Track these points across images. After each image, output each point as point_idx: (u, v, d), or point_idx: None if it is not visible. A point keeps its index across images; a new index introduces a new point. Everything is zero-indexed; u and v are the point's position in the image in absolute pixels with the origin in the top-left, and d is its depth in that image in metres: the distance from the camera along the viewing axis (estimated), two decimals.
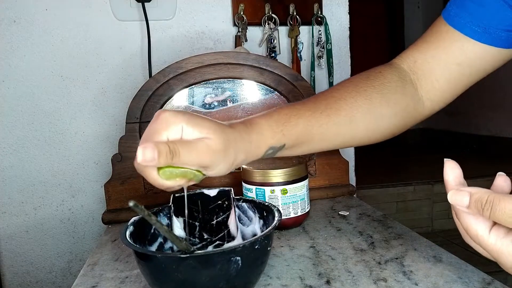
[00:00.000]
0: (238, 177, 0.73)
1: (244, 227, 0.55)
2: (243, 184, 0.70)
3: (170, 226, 0.54)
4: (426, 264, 0.53)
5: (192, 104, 0.88)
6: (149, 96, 0.82)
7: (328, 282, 0.50)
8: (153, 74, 0.90)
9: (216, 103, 0.88)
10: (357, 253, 0.58)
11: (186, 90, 0.85)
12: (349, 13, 1.07)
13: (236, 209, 0.56)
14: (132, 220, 0.49)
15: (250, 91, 0.88)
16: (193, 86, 0.85)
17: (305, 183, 0.69)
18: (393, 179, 2.26)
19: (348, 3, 1.07)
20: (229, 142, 0.43)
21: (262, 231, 0.52)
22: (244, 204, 0.56)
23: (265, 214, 0.53)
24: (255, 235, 0.53)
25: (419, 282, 0.48)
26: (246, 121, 0.48)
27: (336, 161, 0.87)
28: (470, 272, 0.50)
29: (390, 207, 2.14)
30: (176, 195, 0.56)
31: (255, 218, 0.55)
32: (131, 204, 0.36)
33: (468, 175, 0.41)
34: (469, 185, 0.39)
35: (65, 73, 0.96)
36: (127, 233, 0.46)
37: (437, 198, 2.15)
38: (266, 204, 0.53)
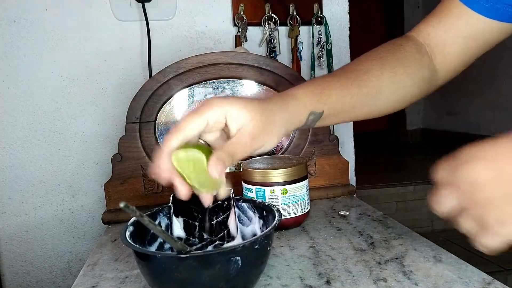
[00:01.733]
0: (238, 177, 0.73)
1: (244, 227, 0.55)
2: (243, 184, 0.70)
3: (170, 226, 0.54)
4: (426, 264, 0.53)
5: (192, 104, 0.88)
6: (149, 96, 0.82)
7: (328, 282, 0.50)
8: (153, 74, 0.90)
9: None
10: (357, 253, 0.58)
11: (186, 90, 0.85)
12: (349, 13, 1.07)
13: (236, 209, 0.56)
14: (132, 220, 0.49)
15: (250, 91, 0.88)
16: (193, 86, 0.85)
17: (305, 183, 0.69)
18: (393, 179, 2.25)
19: (348, 3, 1.07)
20: (269, 121, 0.46)
21: (262, 231, 0.52)
22: (244, 204, 0.56)
23: (265, 214, 0.53)
24: (255, 235, 0.53)
25: (419, 282, 0.48)
26: (282, 93, 0.52)
27: (336, 161, 0.87)
28: (470, 272, 0.50)
29: (390, 207, 2.13)
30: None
31: (255, 218, 0.54)
32: (121, 205, 0.36)
33: None
34: None
35: (65, 73, 0.96)
36: (127, 233, 0.46)
37: None
38: (266, 204, 0.53)
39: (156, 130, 0.84)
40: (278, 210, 0.50)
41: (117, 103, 0.98)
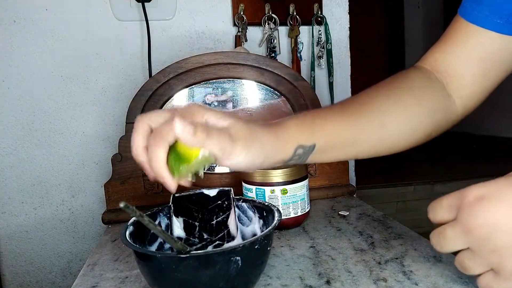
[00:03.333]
0: (238, 177, 0.73)
1: (243, 227, 0.55)
2: (243, 184, 0.70)
3: (170, 226, 0.54)
4: (426, 264, 0.53)
5: None
6: (149, 96, 0.82)
7: (328, 282, 0.50)
8: (153, 74, 0.90)
9: (216, 103, 0.88)
10: (357, 253, 0.58)
11: (186, 90, 0.85)
12: (349, 13, 1.07)
13: (236, 209, 0.56)
14: (132, 220, 0.49)
15: (250, 91, 0.88)
16: (193, 86, 0.85)
17: (305, 183, 0.69)
18: (393, 179, 2.26)
19: (348, 3, 1.07)
20: (253, 133, 0.42)
21: (262, 231, 0.52)
22: (244, 204, 0.56)
23: (265, 214, 0.53)
24: (255, 235, 0.53)
25: (419, 282, 0.48)
26: (271, 122, 0.47)
27: (336, 161, 0.87)
28: None
29: (390, 207, 2.14)
30: (176, 195, 0.56)
31: (255, 218, 0.54)
32: (121, 205, 0.36)
33: (468, 175, 0.41)
34: (469, 184, 0.39)
35: (65, 73, 0.96)
36: (127, 233, 0.46)
37: (437, 198, 2.15)
38: (266, 204, 0.53)
39: None
40: (278, 210, 0.50)
41: (117, 103, 0.98)
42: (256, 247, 0.43)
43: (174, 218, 0.54)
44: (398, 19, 3.62)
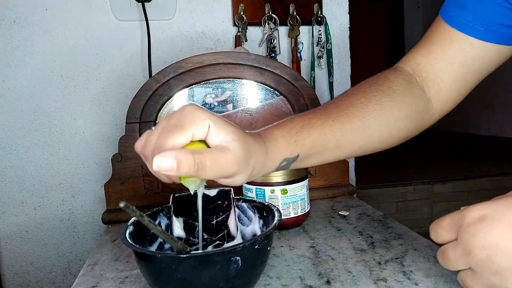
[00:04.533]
0: None
1: (244, 227, 0.55)
2: (244, 184, 0.70)
3: (170, 226, 0.54)
4: (426, 264, 0.53)
5: None
6: (149, 96, 0.82)
7: (328, 282, 0.50)
8: (153, 74, 0.90)
9: (216, 103, 0.88)
10: (357, 253, 0.58)
11: (186, 90, 0.85)
12: (349, 13, 1.07)
13: (236, 209, 0.56)
14: (132, 220, 0.49)
15: (250, 91, 0.88)
16: (193, 86, 0.85)
17: (305, 183, 0.69)
18: (393, 179, 2.25)
19: (348, 3, 1.07)
20: (250, 152, 0.41)
21: (262, 231, 0.52)
22: (244, 204, 0.56)
23: (265, 214, 0.53)
24: (255, 235, 0.53)
25: (419, 282, 0.48)
26: (261, 132, 0.47)
27: (336, 161, 0.87)
28: None
29: (390, 207, 2.14)
30: (176, 195, 0.56)
31: (255, 218, 0.54)
32: (121, 205, 0.35)
33: (468, 175, 0.41)
34: (469, 184, 0.39)
35: (65, 73, 0.96)
36: (127, 233, 0.46)
37: (437, 198, 2.15)
38: (266, 204, 0.53)
39: None
40: (278, 210, 0.50)
41: (117, 103, 0.98)
42: (256, 247, 0.43)
43: (174, 218, 0.55)
44: (398, 19, 3.63)
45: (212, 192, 0.57)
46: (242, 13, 0.99)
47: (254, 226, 0.54)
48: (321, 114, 0.51)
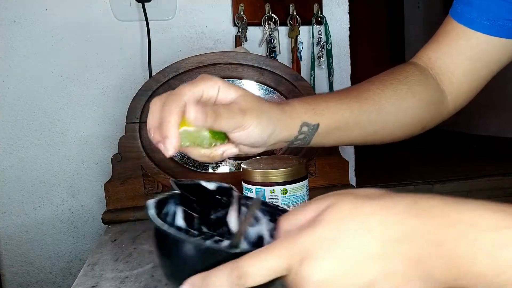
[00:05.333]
0: (238, 177, 0.73)
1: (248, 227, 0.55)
2: (243, 184, 0.70)
3: (174, 214, 0.52)
4: None
5: None
6: (149, 96, 0.82)
7: None
8: (153, 74, 0.90)
9: None
10: None
11: None
12: (349, 13, 1.07)
13: (243, 207, 0.55)
14: (152, 201, 0.45)
15: (250, 91, 0.88)
16: None
17: (305, 183, 0.69)
18: (393, 179, 2.25)
19: (348, 3, 1.07)
20: (261, 105, 0.44)
21: (271, 234, 0.51)
22: None
23: (277, 218, 0.51)
24: (260, 236, 0.53)
25: None
26: (277, 102, 0.48)
27: (336, 161, 0.87)
28: None
29: None
30: (179, 182, 0.55)
31: (264, 219, 0.54)
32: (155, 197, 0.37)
33: (468, 175, 0.41)
34: (469, 184, 0.38)
35: (65, 73, 0.96)
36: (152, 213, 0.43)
37: None
38: (280, 208, 0.51)
39: None
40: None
41: (117, 103, 0.98)
42: None
43: (178, 207, 0.53)
44: (398, 19, 3.62)
45: (210, 186, 0.56)
46: (242, 13, 0.99)
47: (261, 228, 0.53)
48: (338, 94, 0.53)
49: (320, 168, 0.87)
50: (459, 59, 0.56)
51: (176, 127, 0.39)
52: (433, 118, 0.58)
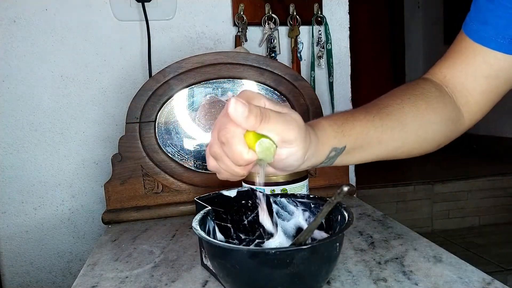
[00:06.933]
0: None
1: (284, 222, 0.55)
2: (243, 184, 0.70)
3: (214, 229, 0.53)
4: (426, 264, 0.53)
5: (192, 104, 0.88)
6: (149, 96, 0.82)
7: (328, 282, 0.50)
8: (153, 74, 0.90)
9: (215, 103, 0.88)
10: (357, 253, 0.58)
11: (186, 90, 0.85)
12: (349, 13, 1.07)
13: (274, 205, 0.55)
14: (196, 223, 0.47)
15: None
16: (193, 86, 0.85)
17: (305, 183, 0.69)
18: (393, 179, 2.25)
19: (348, 3, 1.07)
20: (306, 128, 0.42)
21: (308, 222, 0.52)
22: (282, 200, 0.55)
23: (312, 205, 0.52)
24: (299, 227, 0.53)
25: (419, 282, 0.48)
26: (309, 123, 0.47)
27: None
28: (470, 272, 0.50)
29: (390, 207, 2.13)
30: (203, 198, 0.55)
31: (298, 211, 0.54)
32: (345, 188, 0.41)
33: (468, 175, 0.41)
34: (469, 184, 0.39)
35: (65, 73, 0.96)
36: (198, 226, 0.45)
37: (437, 198, 2.15)
38: (311, 196, 0.53)
39: (156, 130, 0.84)
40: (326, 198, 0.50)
41: (117, 103, 0.98)
42: (344, 232, 0.44)
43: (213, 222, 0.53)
44: (398, 19, 3.62)
45: (232, 193, 0.56)
46: (242, 13, 0.99)
47: (298, 219, 0.54)
48: (361, 110, 0.52)
49: (320, 168, 0.87)
50: (476, 78, 0.55)
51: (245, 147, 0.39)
52: (450, 136, 0.58)
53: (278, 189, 0.66)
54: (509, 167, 2.33)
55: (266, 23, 1.00)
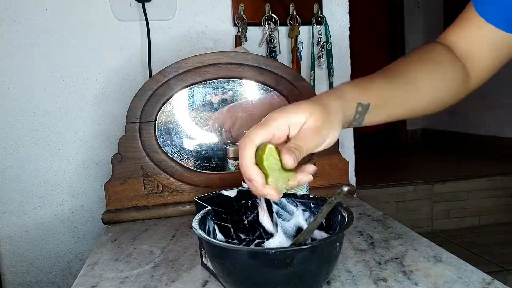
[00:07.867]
0: (238, 177, 0.73)
1: (284, 222, 0.55)
2: (243, 184, 0.70)
3: (214, 229, 0.53)
4: (426, 264, 0.53)
5: (192, 104, 0.88)
6: (149, 96, 0.82)
7: (328, 282, 0.50)
8: (153, 74, 0.90)
9: (216, 103, 0.88)
10: (357, 253, 0.58)
11: (186, 90, 0.85)
12: (349, 13, 1.07)
13: (275, 205, 0.55)
14: (196, 223, 0.47)
15: (250, 91, 0.88)
16: (193, 86, 0.85)
17: (305, 183, 0.69)
18: (393, 179, 2.25)
19: (348, 3, 1.07)
20: (326, 112, 0.47)
21: (308, 222, 0.52)
22: (282, 200, 0.55)
23: (312, 205, 0.53)
24: (299, 227, 0.53)
25: (419, 282, 0.48)
26: (328, 91, 0.52)
27: (336, 161, 0.87)
28: (470, 272, 0.50)
29: (390, 207, 2.13)
30: (202, 198, 0.55)
31: (298, 211, 0.54)
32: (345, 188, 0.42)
33: (468, 175, 0.41)
34: (469, 184, 0.39)
35: (65, 73, 0.96)
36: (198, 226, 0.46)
37: (437, 198, 2.15)
38: (311, 196, 0.53)
39: (156, 130, 0.84)
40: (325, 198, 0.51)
41: (117, 103, 0.98)
42: (344, 232, 0.44)
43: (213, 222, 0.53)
44: (398, 19, 3.62)
45: (232, 193, 0.56)
46: (242, 13, 0.99)
47: (298, 219, 0.54)
48: (378, 74, 0.56)
49: (320, 168, 0.87)
50: (481, 47, 0.59)
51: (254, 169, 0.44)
52: (458, 97, 0.62)
53: None
54: (509, 167, 2.33)
55: (266, 23, 1.00)
